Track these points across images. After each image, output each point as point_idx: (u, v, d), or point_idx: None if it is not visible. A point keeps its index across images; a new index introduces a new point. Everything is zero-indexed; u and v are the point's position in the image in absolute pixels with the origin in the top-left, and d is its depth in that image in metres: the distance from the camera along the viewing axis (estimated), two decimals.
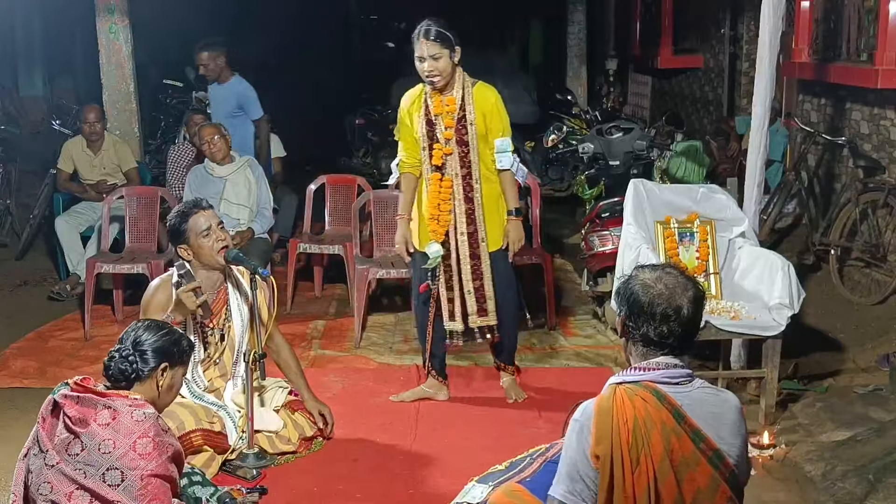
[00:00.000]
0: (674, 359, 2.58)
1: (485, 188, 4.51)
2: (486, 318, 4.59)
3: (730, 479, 2.50)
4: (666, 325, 2.54)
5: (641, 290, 2.56)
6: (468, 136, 4.44)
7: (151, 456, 2.79)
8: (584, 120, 9.96)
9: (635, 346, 2.61)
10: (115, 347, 3.05)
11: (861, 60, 6.50)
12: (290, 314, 6.29)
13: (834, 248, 6.18)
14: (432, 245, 4.50)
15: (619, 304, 2.65)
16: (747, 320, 4.47)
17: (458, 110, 4.43)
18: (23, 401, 4.87)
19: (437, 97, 4.45)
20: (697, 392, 2.56)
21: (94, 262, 6.06)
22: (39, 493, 2.79)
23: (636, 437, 2.46)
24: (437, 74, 4.37)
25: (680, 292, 2.56)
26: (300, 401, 4.30)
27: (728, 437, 2.52)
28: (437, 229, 4.49)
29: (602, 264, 5.67)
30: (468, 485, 3.35)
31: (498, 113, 4.48)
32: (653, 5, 11.50)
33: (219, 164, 6.25)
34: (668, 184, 6.19)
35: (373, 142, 10.86)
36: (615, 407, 2.50)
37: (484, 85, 4.52)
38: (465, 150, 4.45)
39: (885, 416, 4.30)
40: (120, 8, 7.37)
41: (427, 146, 4.48)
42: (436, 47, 4.34)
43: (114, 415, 2.82)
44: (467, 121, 4.43)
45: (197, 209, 4.08)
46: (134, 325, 3.13)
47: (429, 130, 4.47)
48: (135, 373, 2.99)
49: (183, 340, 3.16)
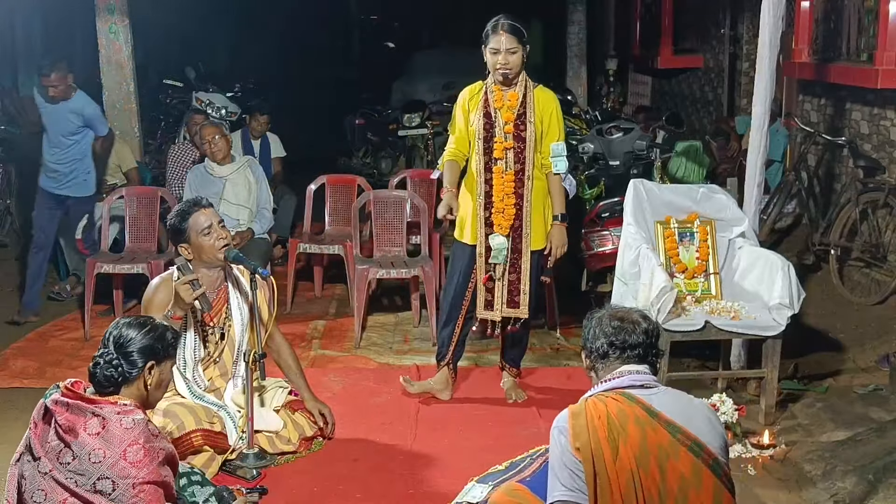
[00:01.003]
0: (637, 366, 2.70)
1: (537, 186, 4.57)
2: (517, 311, 4.65)
3: (713, 466, 2.56)
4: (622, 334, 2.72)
5: (592, 318, 2.82)
6: (526, 133, 4.50)
7: (143, 463, 2.76)
8: (584, 120, 9.95)
9: (598, 368, 2.76)
10: (99, 352, 2.97)
11: (861, 60, 6.50)
12: (290, 314, 6.29)
13: (834, 248, 6.18)
14: (497, 237, 4.53)
15: (584, 348, 2.84)
16: (747, 320, 4.48)
17: (519, 107, 4.48)
18: (23, 401, 4.86)
19: (499, 92, 4.51)
20: (665, 395, 2.67)
21: (94, 262, 6.06)
22: (33, 499, 2.77)
23: (611, 428, 2.55)
24: (510, 68, 4.42)
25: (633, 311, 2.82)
26: (300, 401, 4.30)
27: (705, 432, 2.60)
28: (503, 223, 4.53)
29: (602, 264, 5.66)
30: (468, 485, 3.36)
31: (557, 118, 4.56)
32: (653, 5, 11.50)
33: (219, 164, 6.25)
34: (668, 183, 6.18)
35: (373, 142, 10.87)
36: (587, 408, 2.62)
37: (545, 89, 4.60)
38: (522, 146, 4.50)
39: (885, 416, 4.30)
40: (120, 8, 7.37)
41: (483, 138, 4.53)
42: (513, 41, 4.41)
43: (103, 423, 2.78)
44: (527, 118, 4.49)
45: (197, 207, 4.08)
46: (115, 324, 3.05)
47: (486, 123, 4.52)
48: (121, 376, 2.92)
49: (167, 333, 3.07)
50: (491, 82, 4.55)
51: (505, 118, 4.50)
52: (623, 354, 2.71)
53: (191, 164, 7.10)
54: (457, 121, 4.66)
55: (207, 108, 8.90)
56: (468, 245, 4.65)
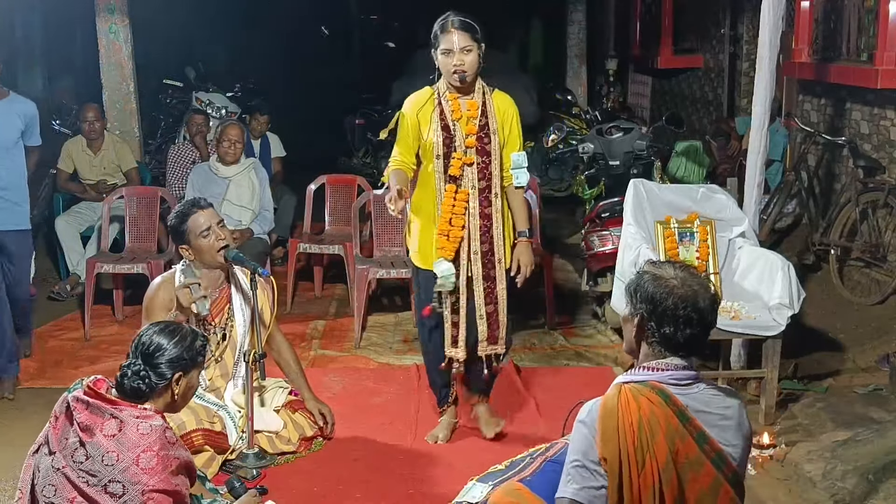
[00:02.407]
0: (682, 360, 2.58)
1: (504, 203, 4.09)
2: (496, 347, 4.13)
3: (731, 480, 2.53)
4: (690, 328, 2.53)
5: (665, 291, 2.53)
6: (491, 146, 3.99)
7: (154, 471, 2.75)
8: (584, 120, 9.96)
9: (649, 347, 2.59)
10: (127, 361, 2.92)
11: (861, 60, 6.50)
12: (290, 314, 6.29)
13: (834, 248, 6.18)
14: (442, 263, 3.98)
15: (635, 301, 2.60)
16: (747, 320, 4.47)
17: (480, 117, 3.99)
18: (23, 401, 4.87)
19: (455, 101, 4.00)
20: (702, 394, 2.58)
21: (94, 262, 6.06)
22: (43, 494, 2.79)
23: (641, 440, 2.47)
24: (466, 70, 3.91)
25: (703, 293, 2.55)
26: (300, 401, 4.30)
27: (732, 438, 2.55)
28: (447, 246, 3.99)
29: (602, 264, 5.67)
30: (468, 484, 3.35)
31: (517, 125, 4.08)
32: (653, 5, 11.49)
33: (226, 164, 6.27)
34: (668, 183, 6.19)
35: (373, 142, 10.86)
36: (620, 409, 2.50)
37: (500, 93, 4.12)
38: (487, 160, 3.99)
39: (885, 416, 4.31)
40: (120, 8, 7.37)
41: (442, 154, 3.99)
42: (466, 38, 3.90)
43: (120, 426, 2.77)
44: (490, 129, 3.99)
45: (196, 209, 4.07)
46: (144, 331, 2.98)
47: (446, 137, 3.99)
48: (149, 388, 2.89)
49: (196, 341, 3.02)
50: (444, 90, 4.02)
51: (467, 130, 3.96)
52: (679, 346, 2.54)
53: (191, 164, 7.11)
54: (401, 135, 4.08)
55: (207, 108, 8.91)
56: (428, 270, 4.09)
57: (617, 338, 5.76)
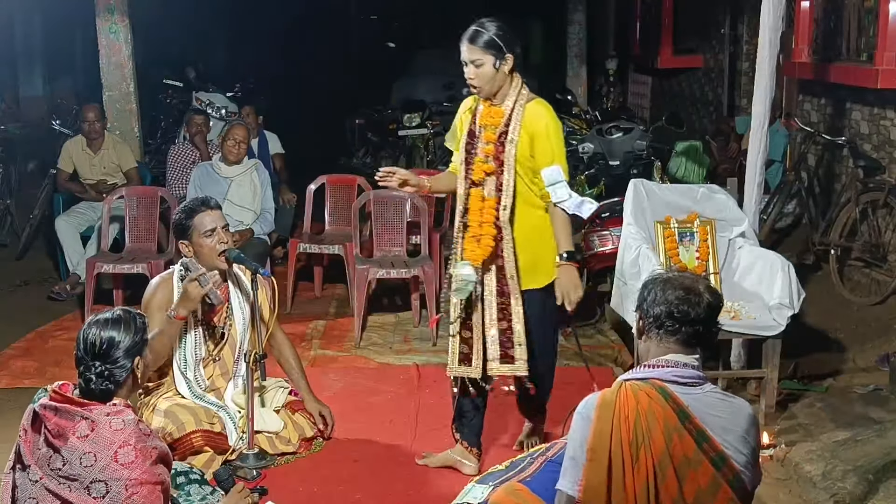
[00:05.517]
0: (685, 357, 2.60)
1: (526, 216, 3.86)
2: (513, 367, 3.85)
3: (733, 482, 2.50)
4: (691, 324, 2.58)
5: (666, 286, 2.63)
6: (504, 156, 3.81)
7: (135, 464, 2.70)
8: (584, 120, 9.95)
9: (651, 343, 2.64)
10: (84, 365, 2.79)
11: (861, 60, 6.50)
12: (290, 314, 6.28)
13: (834, 248, 6.18)
14: (465, 267, 3.78)
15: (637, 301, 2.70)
16: (747, 320, 4.47)
17: (502, 125, 3.83)
18: (23, 401, 4.84)
19: (487, 108, 3.89)
20: (707, 396, 2.58)
21: (94, 262, 6.06)
22: None
23: (637, 432, 2.48)
24: (476, 83, 3.80)
25: (704, 289, 2.63)
26: (300, 401, 4.30)
27: (735, 443, 2.52)
28: (476, 250, 3.80)
29: (602, 264, 5.67)
30: (468, 485, 3.35)
31: (548, 137, 3.80)
32: (653, 5, 11.50)
33: (228, 164, 6.27)
34: (668, 183, 6.19)
35: (373, 142, 10.87)
36: (618, 401, 2.52)
37: (541, 103, 3.87)
38: (500, 170, 3.82)
39: (885, 416, 4.31)
40: (120, 8, 7.36)
41: (465, 160, 3.92)
42: (475, 51, 3.76)
43: (92, 426, 2.71)
44: (507, 138, 3.81)
45: (205, 207, 4.06)
46: (85, 332, 2.83)
47: (468, 142, 3.92)
48: (115, 384, 2.80)
49: (137, 320, 2.89)
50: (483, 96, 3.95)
51: (486, 138, 3.85)
52: (680, 329, 2.57)
53: (191, 164, 7.11)
54: (453, 134, 4.10)
55: (207, 108, 8.90)
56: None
57: (617, 338, 5.76)
